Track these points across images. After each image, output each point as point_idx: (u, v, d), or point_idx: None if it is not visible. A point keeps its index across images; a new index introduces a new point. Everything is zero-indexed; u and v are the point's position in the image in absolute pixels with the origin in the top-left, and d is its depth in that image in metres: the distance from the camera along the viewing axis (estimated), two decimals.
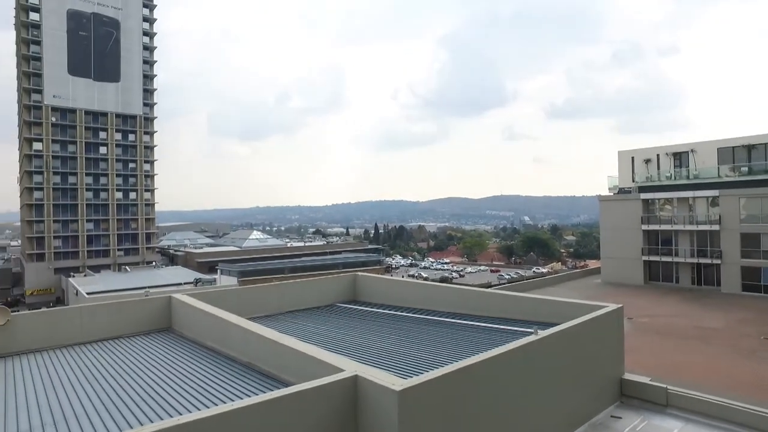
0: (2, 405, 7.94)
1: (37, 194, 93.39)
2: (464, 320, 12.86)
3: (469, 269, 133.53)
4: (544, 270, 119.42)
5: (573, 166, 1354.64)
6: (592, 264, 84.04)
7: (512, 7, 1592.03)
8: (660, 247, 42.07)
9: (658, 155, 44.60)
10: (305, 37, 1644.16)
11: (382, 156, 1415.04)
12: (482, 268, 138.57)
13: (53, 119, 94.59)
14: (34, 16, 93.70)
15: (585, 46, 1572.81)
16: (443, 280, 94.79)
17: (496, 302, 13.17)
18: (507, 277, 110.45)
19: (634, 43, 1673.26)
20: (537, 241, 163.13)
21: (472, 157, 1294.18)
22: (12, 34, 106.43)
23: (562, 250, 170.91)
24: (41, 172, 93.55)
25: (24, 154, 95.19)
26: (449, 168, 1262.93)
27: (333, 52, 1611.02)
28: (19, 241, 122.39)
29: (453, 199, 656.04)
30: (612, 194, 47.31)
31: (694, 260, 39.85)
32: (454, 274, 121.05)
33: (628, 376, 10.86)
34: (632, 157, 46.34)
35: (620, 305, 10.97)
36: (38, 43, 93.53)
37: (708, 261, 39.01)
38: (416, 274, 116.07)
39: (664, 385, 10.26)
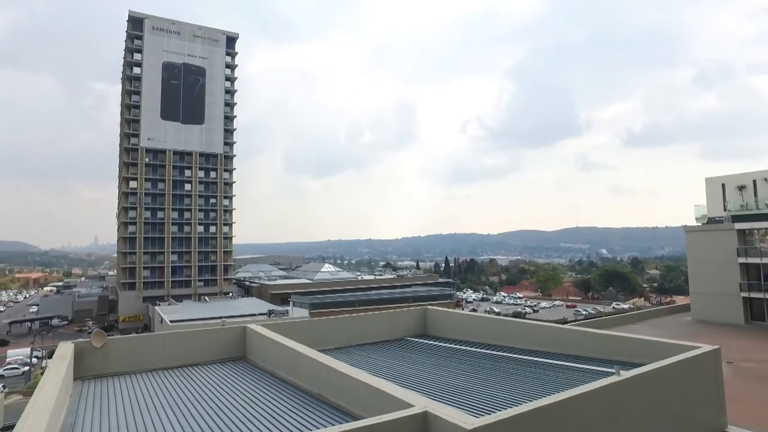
0: (98, 424, 8.50)
1: (131, 228, 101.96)
2: (539, 357, 12.23)
3: (543, 304, 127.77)
4: (625, 306, 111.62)
5: (654, 195, 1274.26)
6: (680, 300, 77.49)
7: (582, 34, 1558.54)
8: (763, 282, 37.96)
9: (754, 181, 40.71)
10: (376, 75, 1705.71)
11: (453, 189, 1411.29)
12: (557, 303, 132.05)
13: (147, 160, 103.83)
14: (136, 70, 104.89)
15: (664, 68, 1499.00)
16: (516, 315, 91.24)
17: (573, 339, 12.44)
18: (584, 312, 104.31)
19: (721, 61, 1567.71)
20: (616, 275, 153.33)
21: (544, 188, 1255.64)
22: (119, 87, 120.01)
23: (645, 285, 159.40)
24: (135, 208, 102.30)
25: (122, 192, 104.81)
26: (521, 200, 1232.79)
27: (402, 88, 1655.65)
28: (115, 271, 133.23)
29: (525, 232, 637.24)
30: (700, 224, 43.68)
31: None
32: (528, 309, 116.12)
33: (731, 429, 9.71)
34: (723, 184, 42.66)
35: (717, 346, 9.94)
36: (138, 93, 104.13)
37: None
38: (488, 309, 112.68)
39: None
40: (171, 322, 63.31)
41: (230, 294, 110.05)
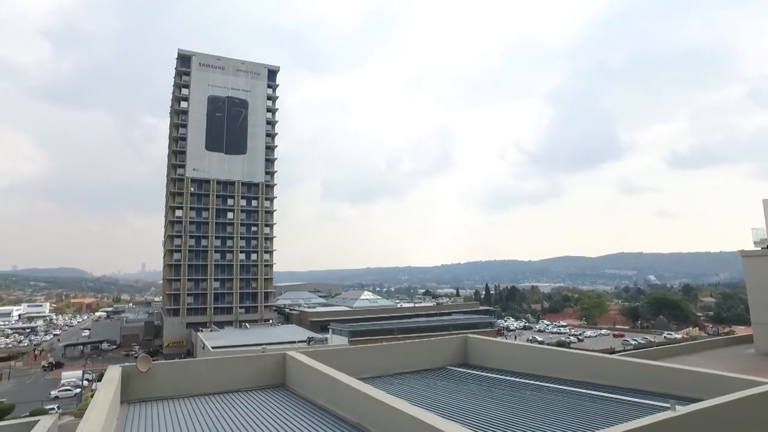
0: None
1: (176, 255, 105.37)
2: (586, 389, 11.69)
3: (588, 333, 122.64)
4: (678, 336, 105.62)
5: (704, 218, 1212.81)
6: (741, 330, 72.68)
7: (622, 55, 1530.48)
8: None
9: None
10: (414, 102, 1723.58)
11: (492, 215, 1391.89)
12: (603, 332, 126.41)
13: (192, 189, 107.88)
14: (183, 104, 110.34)
15: (712, 87, 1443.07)
16: (560, 344, 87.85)
17: (622, 370, 11.85)
18: (633, 342, 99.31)
19: None
20: (666, 303, 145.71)
21: (586, 213, 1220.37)
22: (167, 121, 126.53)
23: (699, 314, 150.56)
24: (180, 236, 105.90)
25: (168, 220, 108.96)
26: (562, 225, 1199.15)
27: (440, 114, 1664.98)
28: (161, 297, 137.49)
29: (568, 258, 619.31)
30: (759, 249, 41.13)
31: None
32: (572, 338, 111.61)
33: None
34: None
35: None
36: (185, 125, 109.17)
37: None
38: (530, 338, 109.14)
39: None
40: (213, 348, 64.30)
41: (270, 321, 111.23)
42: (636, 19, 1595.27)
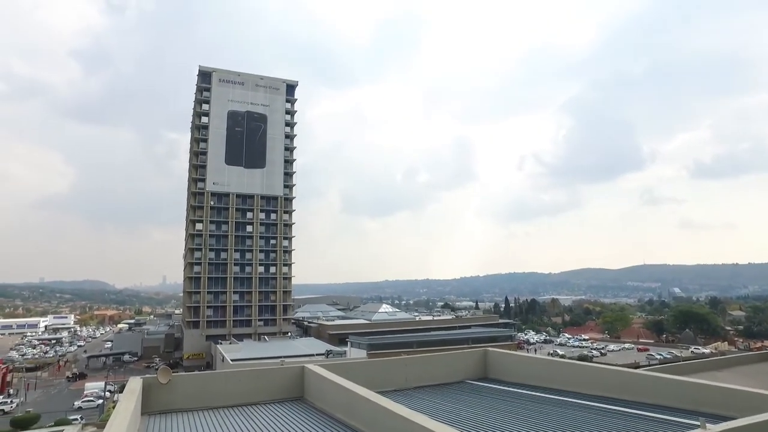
0: None
1: (196, 268, 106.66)
2: (610, 404, 11.38)
3: (611, 347, 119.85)
4: (706, 351, 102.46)
5: (731, 229, 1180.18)
6: None
7: (641, 65, 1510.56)
8: None
9: None
10: (431, 115, 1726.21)
11: (511, 227, 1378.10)
12: (627, 345, 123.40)
13: (212, 203, 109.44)
14: (204, 119, 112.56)
15: (733, 94, 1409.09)
16: (582, 358, 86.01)
17: (648, 385, 11.51)
18: (658, 357, 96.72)
19: None
20: (693, 316, 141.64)
21: (607, 224, 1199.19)
22: (188, 136, 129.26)
23: (728, 328, 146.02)
24: (200, 249, 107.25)
25: (188, 234, 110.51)
26: (582, 237, 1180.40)
27: (458, 127, 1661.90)
28: (181, 310, 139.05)
29: (588, 270, 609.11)
30: None
31: None
32: (595, 352, 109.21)
33: None
34: None
35: None
36: (205, 140, 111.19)
37: None
38: (551, 351, 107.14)
39: None
40: (232, 360, 64.62)
41: (289, 334, 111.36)
42: (654, 27, 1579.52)
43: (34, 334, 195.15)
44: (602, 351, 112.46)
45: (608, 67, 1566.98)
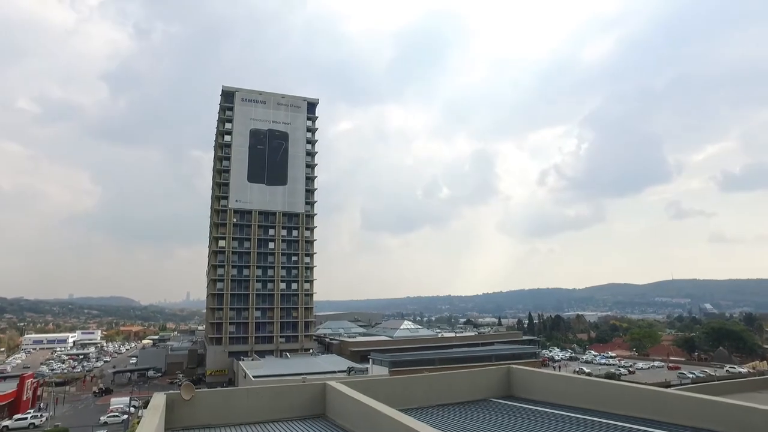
0: None
1: (218, 285, 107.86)
2: (640, 425, 10.96)
3: (640, 365, 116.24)
4: (743, 370, 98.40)
5: (765, 242, 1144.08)
6: None
7: (664, 76, 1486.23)
8: None
9: None
10: (452, 131, 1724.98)
11: (534, 242, 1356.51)
12: (657, 363, 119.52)
13: (234, 220, 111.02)
14: (227, 138, 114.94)
15: (763, 104, 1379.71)
16: (610, 376, 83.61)
17: (681, 405, 11.06)
18: (690, 375, 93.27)
19: None
20: (727, 333, 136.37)
21: (633, 239, 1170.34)
22: (212, 154, 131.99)
23: (766, 346, 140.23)
24: (223, 266, 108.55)
25: (211, 251, 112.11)
26: (608, 252, 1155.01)
27: (479, 142, 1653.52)
28: (204, 326, 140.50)
29: (614, 286, 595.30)
30: None
31: None
32: (623, 370, 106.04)
33: None
34: None
35: None
36: (228, 158, 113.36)
37: None
38: (577, 369, 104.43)
39: None
40: (254, 377, 64.75)
41: (311, 350, 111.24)
42: (678, 38, 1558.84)
43: (63, 348, 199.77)
44: (630, 369, 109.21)
45: (631, 80, 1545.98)
